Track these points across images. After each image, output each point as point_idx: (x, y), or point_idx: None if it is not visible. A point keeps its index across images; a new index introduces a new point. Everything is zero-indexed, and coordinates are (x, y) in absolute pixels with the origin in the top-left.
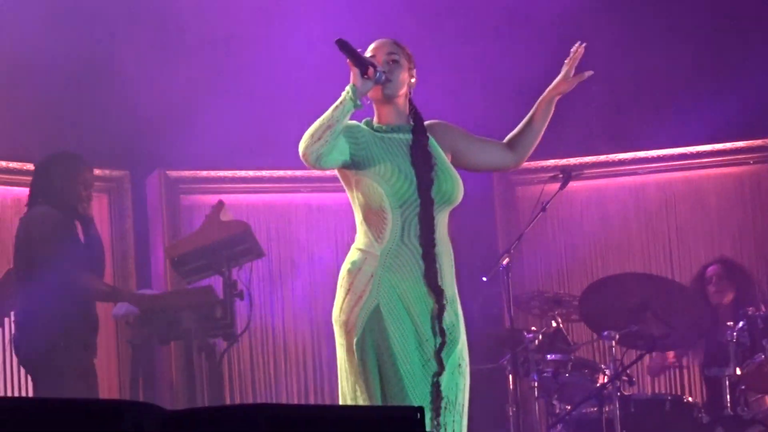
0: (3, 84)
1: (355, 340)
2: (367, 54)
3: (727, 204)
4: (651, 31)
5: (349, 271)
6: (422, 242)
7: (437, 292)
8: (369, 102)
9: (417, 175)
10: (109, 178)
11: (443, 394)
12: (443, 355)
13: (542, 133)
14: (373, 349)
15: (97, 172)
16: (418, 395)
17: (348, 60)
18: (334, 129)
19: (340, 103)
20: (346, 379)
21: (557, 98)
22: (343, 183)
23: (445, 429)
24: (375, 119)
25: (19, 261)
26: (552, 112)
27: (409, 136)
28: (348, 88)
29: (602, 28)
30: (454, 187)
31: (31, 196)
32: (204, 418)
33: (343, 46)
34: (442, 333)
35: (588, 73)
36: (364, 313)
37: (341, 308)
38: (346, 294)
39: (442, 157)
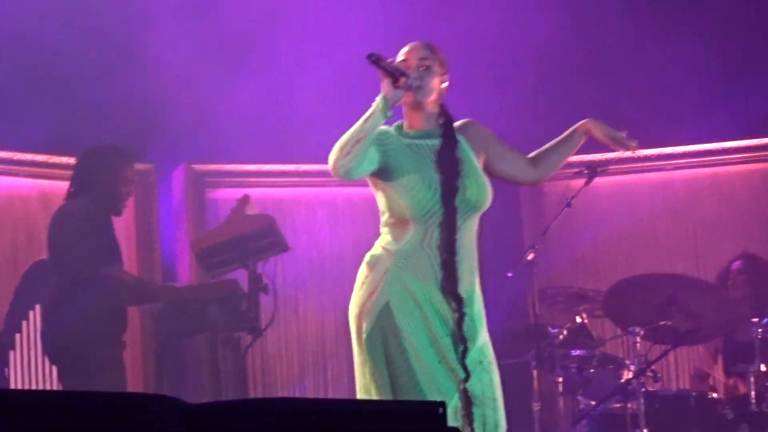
0: (29, 76)
1: (364, 336)
2: (400, 57)
3: (752, 200)
4: (678, 26)
5: (368, 263)
6: (443, 250)
7: (458, 301)
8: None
9: (442, 183)
10: (136, 171)
11: (488, 395)
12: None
13: (568, 157)
14: (381, 345)
15: None
16: (435, 390)
17: (379, 71)
18: (364, 142)
19: (371, 115)
20: (360, 372)
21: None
22: (369, 183)
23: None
24: (405, 124)
25: (51, 252)
26: (581, 143)
27: (438, 141)
28: (378, 99)
29: (628, 22)
30: (480, 193)
31: (70, 186)
32: (225, 411)
33: (375, 60)
34: (463, 340)
35: (632, 145)
36: (375, 308)
37: (355, 299)
38: (361, 287)
39: (471, 160)
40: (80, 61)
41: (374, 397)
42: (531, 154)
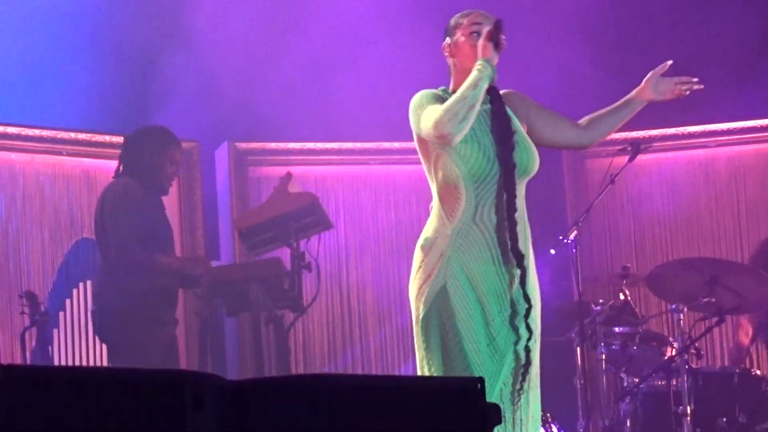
0: (72, 54)
1: (421, 318)
2: (467, 18)
3: None
4: (721, 1)
5: (422, 247)
6: (506, 205)
7: (519, 257)
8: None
9: (498, 143)
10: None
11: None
12: (521, 321)
13: (620, 126)
14: (437, 327)
15: None
16: (483, 373)
17: (488, 36)
18: (476, 107)
19: (479, 79)
20: (418, 353)
21: (646, 103)
22: (422, 156)
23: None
24: (451, 88)
25: (98, 231)
26: (635, 112)
27: (487, 107)
28: (483, 63)
29: (670, 4)
30: (530, 157)
31: (119, 166)
32: (263, 388)
33: (499, 26)
34: (527, 299)
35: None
36: (432, 291)
37: (412, 283)
38: (418, 270)
39: (518, 126)
40: (124, 39)
41: (427, 373)
42: (582, 119)
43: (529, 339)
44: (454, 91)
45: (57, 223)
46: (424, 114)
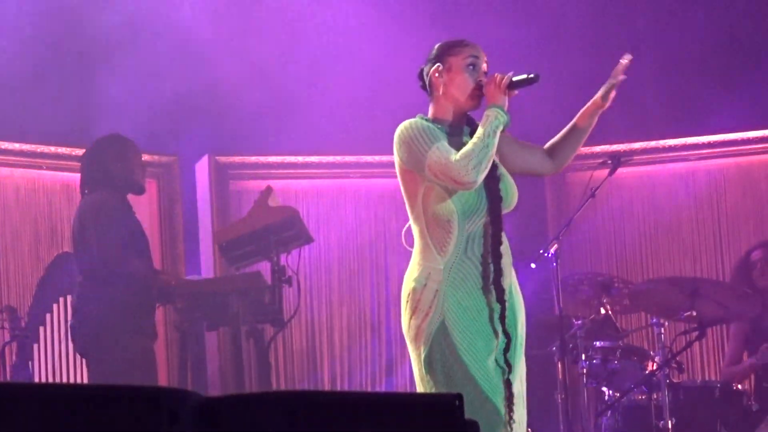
0: (51, 69)
1: (423, 356)
2: (463, 49)
3: None
4: (702, 15)
5: (414, 289)
6: (492, 239)
7: (501, 292)
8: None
9: (485, 183)
10: (159, 163)
11: (518, 389)
12: (509, 355)
13: (582, 143)
14: (440, 363)
15: (146, 157)
16: (498, 398)
17: (511, 82)
18: (493, 157)
19: (497, 128)
20: (420, 385)
21: (600, 112)
22: (405, 189)
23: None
24: (432, 116)
25: (77, 247)
26: (594, 124)
27: (467, 138)
28: (499, 112)
29: (651, 14)
30: (513, 190)
31: (84, 181)
32: (240, 404)
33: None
34: (507, 334)
35: (625, 60)
36: (430, 328)
37: (409, 326)
38: (413, 312)
39: (497, 160)
40: (103, 54)
41: None
42: (546, 144)
43: (509, 373)
44: (435, 119)
45: (37, 238)
46: (436, 155)
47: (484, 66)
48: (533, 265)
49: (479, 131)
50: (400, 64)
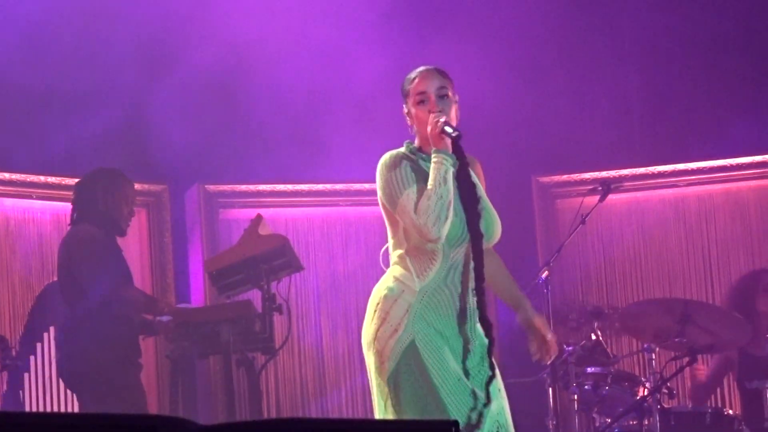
0: (41, 98)
1: (387, 373)
2: (412, 85)
3: (766, 215)
4: (689, 42)
5: (386, 297)
6: (476, 274)
7: (489, 326)
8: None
9: (466, 212)
10: (148, 192)
11: (501, 421)
12: (491, 391)
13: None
14: (409, 382)
15: (136, 186)
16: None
17: (440, 129)
18: (452, 201)
19: (445, 173)
20: (377, 400)
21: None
22: (385, 214)
23: None
24: (418, 145)
25: (62, 279)
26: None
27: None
28: (442, 157)
29: (642, 39)
30: (495, 225)
31: (73, 212)
32: None
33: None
34: (492, 367)
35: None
36: (399, 346)
37: (375, 336)
38: (381, 324)
39: (482, 192)
40: (92, 83)
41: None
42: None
43: (485, 405)
44: (420, 149)
45: (27, 267)
46: (404, 206)
47: (440, 91)
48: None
49: (430, 182)
50: (391, 91)
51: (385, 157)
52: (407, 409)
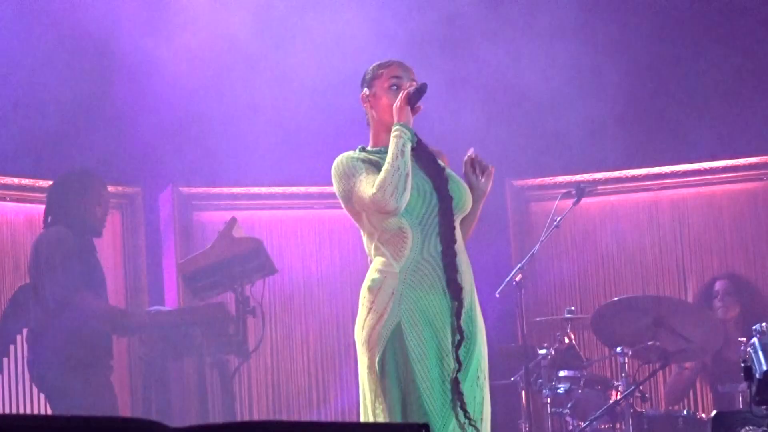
0: (14, 100)
1: (376, 359)
2: (386, 69)
3: (740, 220)
4: (665, 47)
5: (370, 288)
6: (444, 237)
7: (458, 289)
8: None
9: (431, 179)
10: (122, 194)
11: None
12: (461, 355)
13: (475, 219)
14: (394, 367)
15: (110, 188)
16: (437, 411)
17: (406, 99)
18: (410, 173)
19: (404, 146)
20: (368, 395)
21: (483, 198)
22: (352, 215)
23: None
24: (372, 143)
25: (33, 281)
26: (479, 210)
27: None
28: (401, 128)
29: (616, 43)
30: (464, 192)
31: (46, 214)
32: None
33: (423, 90)
34: (460, 331)
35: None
36: (386, 331)
37: (363, 326)
38: (368, 313)
39: (446, 167)
40: (64, 85)
41: (380, 419)
42: None
43: (458, 371)
44: (374, 146)
45: (0, 269)
46: (359, 188)
47: (411, 84)
48: (497, 295)
49: (388, 155)
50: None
51: (337, 159)
52: (393, 398)
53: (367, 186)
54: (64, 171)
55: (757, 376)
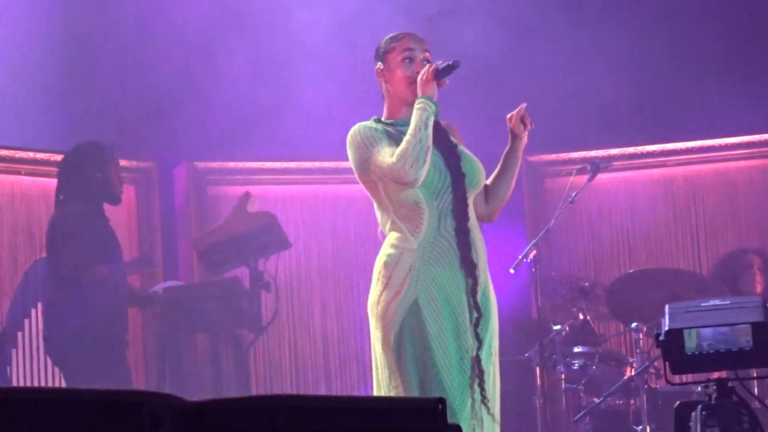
0: (30, 73)
1: (392, 335)
2: (399, 42)
3: (755, 196)
4: (679, 22)
5: (386, 264)
6: (458, 214)
7: (470, 266)
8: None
9: (443, 156)
10: (137, 169)
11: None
12: (480, 330)
13: (512, 186)
14: (411, 343)
15: (124, 163)
16: (455, 387)
17: (433, 73)
18: (431, 147)
19: (427, 119)
20: (382, 371)
21: (521, 149)
22: (367, 188)
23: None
24: (386, 116)
25: (49, 256)
26: (519, 161)
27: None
28: (426, 102)
29: (630, 19)
30: (477, 168)
31: (60, 188)
32: (222, 408)
33: (455, 66)
34: (477, 308)
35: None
36: (403, 308)
37: (378, 301)
38: (384, 288)
39: (458, 143)
40: (80, 60)
41: (397, 394)
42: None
43: (479, 349)
44: (388, 118)
45: (15, 243)
46: (378, 159)
47: (426, 55)
48: (512, 271)
49: (410, 126)
50: (372, 70)
51: (353, 129)
52: (410, 374)
53: (387, 155)
54: (71, 148)
55: (661, 338)
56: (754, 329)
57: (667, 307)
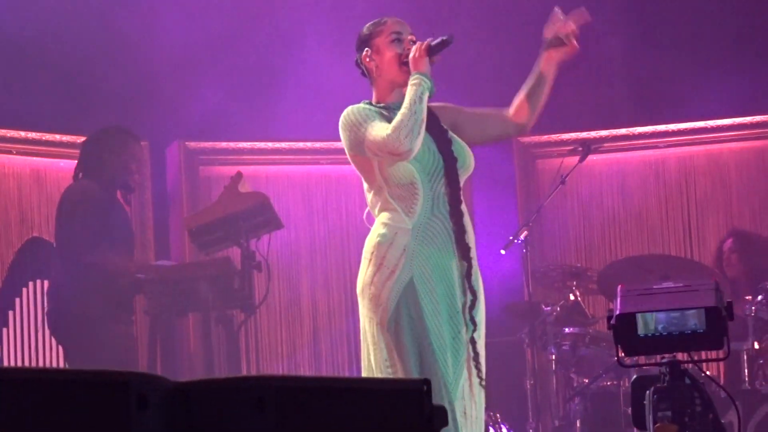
0: (21, 54)
1: (388, 315)
2: (385, 26)
3: (747, 178)
4: (672, 4)
5: (379, 243)
6: (450, 197)
7: (465, 249)
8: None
9: (435, 140)
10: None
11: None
12: (474, 312)
13: (548, 93)
14: (408, 322)
15: None
16: (450, 368)
17: (426, 50)
18: (425, 121)
19: (422, 93)
20: (373, 352)
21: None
22: (360, 169)
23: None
24: (375, 98)
25: (57, 233)
26: (553, 71)
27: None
28: (420, 77)
29: (622, 2)
30: (467, 153)
31: (77, 168)
32: (210, 388)
33: (449, 42)
34: (473, 291)
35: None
36: (398, 287)
37: (371, 282)
38: (378, 269)
39: (446, 128)
40: (72, 39)
41: (396, 375)
42: (514, 102)
43: (474, 331)
44: (378, 102)
45: (7, 222)
46: (372, 133)
47: (412, 37)
48: (503, 252)
49: (405, 101)
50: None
51: (345, 111)
52: (408, 351)
53: (381, 129)
54: (100, 127)
55: (612, 321)
56: (707, 313)
57: (619, 288)
